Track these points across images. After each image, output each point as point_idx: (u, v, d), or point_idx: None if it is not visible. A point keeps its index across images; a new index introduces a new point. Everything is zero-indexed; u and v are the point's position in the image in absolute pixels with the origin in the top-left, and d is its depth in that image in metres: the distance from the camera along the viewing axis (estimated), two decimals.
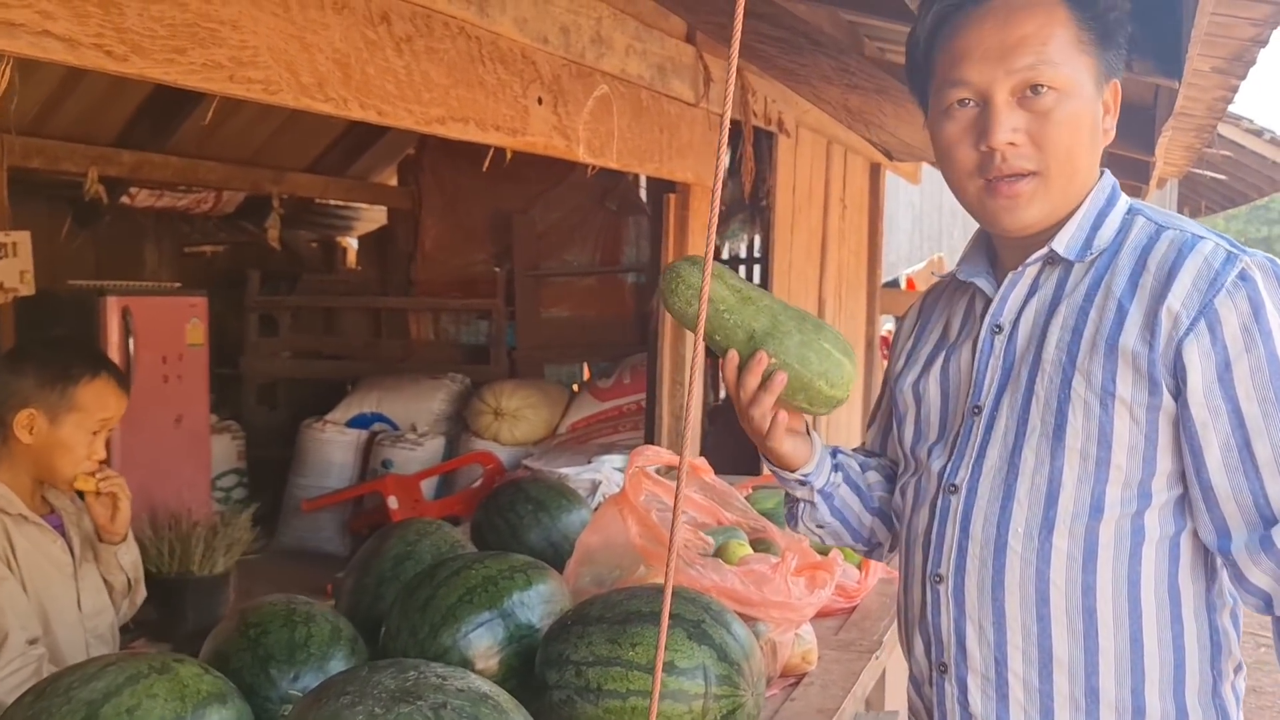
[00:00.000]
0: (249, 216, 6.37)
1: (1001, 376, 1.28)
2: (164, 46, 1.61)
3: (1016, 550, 1.23)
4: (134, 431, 4.47)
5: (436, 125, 2.24)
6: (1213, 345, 1.16)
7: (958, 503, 1.29)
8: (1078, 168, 1.25)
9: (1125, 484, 1.20)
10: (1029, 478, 1.24)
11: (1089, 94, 1.23)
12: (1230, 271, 1.17)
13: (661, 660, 0.92)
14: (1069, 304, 1.25)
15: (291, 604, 1.65)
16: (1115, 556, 1.21)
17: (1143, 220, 1.27)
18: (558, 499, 2.31)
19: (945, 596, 1.30)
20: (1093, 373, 1.20)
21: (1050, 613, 1.23)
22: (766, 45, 2.88)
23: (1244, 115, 6.96)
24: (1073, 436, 1.21)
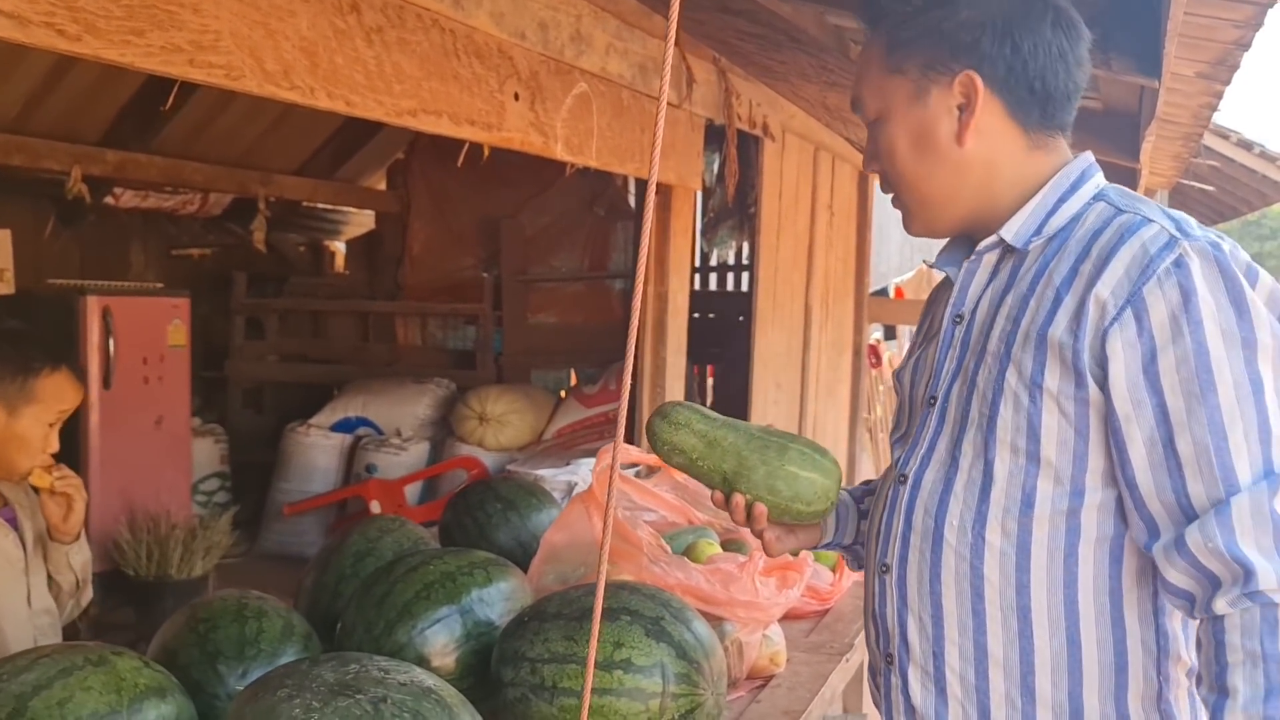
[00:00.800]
0: (236, 219, 6.34)
1: (955, 367, 1.26)
2: (120, 27, 1.58)
3: (952, 544, 1.22)
4: (113, 432, 4.43)
5: (408, 117, 2.21)
6: (1138, 335, 1.12)
7: (904, 493, 1.28)
8: (921, 181, 1.25)
9: (1056, 479, 1.17)
10: (966, 472, 1.22)
11: (902, 112, 1.24)
12: (1166, 257, 1.12)
13: (593, 657, 0.89)
14: (1015, 292, 1.22)
15: (243, 599, 1.61)
16: (1050, 556, 1.18)
17: (1102, 205, 1.22)
18: (527, 498, 2.27)
19: (890, 587, 1.29)
20: (1023, 363, 1.17)
21: (985, 609, 1.20)
22: (745, 42, 2.86)
23: (1233, 129, 6.95)
24: (1003, 429, 1.18)
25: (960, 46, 1.20)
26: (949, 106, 1.22)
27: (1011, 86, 1.21)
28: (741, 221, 5.23)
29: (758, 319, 4.25)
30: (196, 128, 5.19)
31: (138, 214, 5.97)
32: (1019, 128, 1.24)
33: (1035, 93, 1.22)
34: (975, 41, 1.20)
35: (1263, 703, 1.04)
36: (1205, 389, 1.09)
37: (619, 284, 5.96)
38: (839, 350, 5.50)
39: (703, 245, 5.73)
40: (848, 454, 5.84)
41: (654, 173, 0.96)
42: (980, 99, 1.21)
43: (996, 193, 1.24)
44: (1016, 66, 1.20)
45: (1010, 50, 1.20)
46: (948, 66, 1.21)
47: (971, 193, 1.25)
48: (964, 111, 1.22)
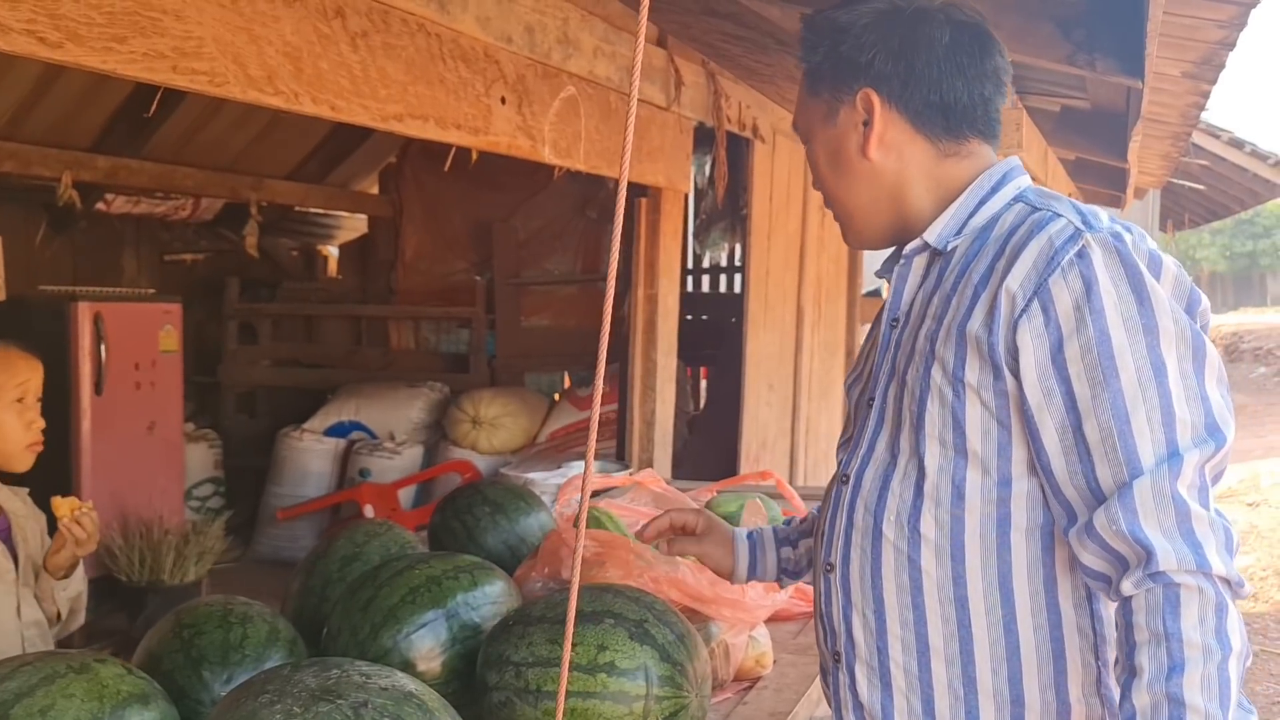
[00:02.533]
0: (228, 224, 6.34)
1: (890, 369, 1.30)
2: (102, 34, 1.58)
3: (890, 538, 1.25)
4: (105, 438, 4.43)
5: (394, 122, 2.21)
6: (1045, 326, 1.15)
7: (846, 492, 1.31)
8: (842, 194, 1.33)
9: (984, 470, 1.20)
10: (902, 467, 1.25)
11: (818, 130, 1.33)
12: (1069, 249, 1.16)
13: (568, 660, 0.89)
14: (940, 292, 1.26)
15: (228, 604, 1.61)
16: (983, 545, 1.21)
17: (1020, 206, 1.26)
18: (516, 501, 2.27)
19: (835, 585, 1.31)
20: (946, 359, 1.21)
21: (924, 601, 1.23)
22: (731, 45, 2.87)
23: (1225, 128, 6.96)
24: (930, 424, 1.22)
25: (858, 67, 1.28)
26: (855, 123, 1.30)
27: (910, 100, 1.28)
28: (734, 223, 5.23)
29: (749, 321, 4.25)
30: (188, 133, 5.19)
31: (130, 220, 5.97)
32: (925, 139, 1.29)
33: (933, 105, 1.28)
34: (870, 62, 1.28)
35: (1165, 680, 1.07)
36: (1108, 375, 1.13)
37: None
38: (831, 351, 5.50)
39: (695, 247, 5.74)
40: None
41: (624, 172, 0.96)
42: (878, 113, 1.28)
43: (912, 201, 1.30)
44: (910, 82, 1.27)
45: (904, 67, 1.27)
46: (850, 86, 1.29)
47: (888, 202, 1.31)
48: (867, 126, 1.29)
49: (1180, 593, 1.09)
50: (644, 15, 0.95)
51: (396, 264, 6.40)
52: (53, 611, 2.09)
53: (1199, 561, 1.09)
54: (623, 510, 2.10)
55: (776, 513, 2.37)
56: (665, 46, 3.28)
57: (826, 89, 1.32)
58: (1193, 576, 1.09)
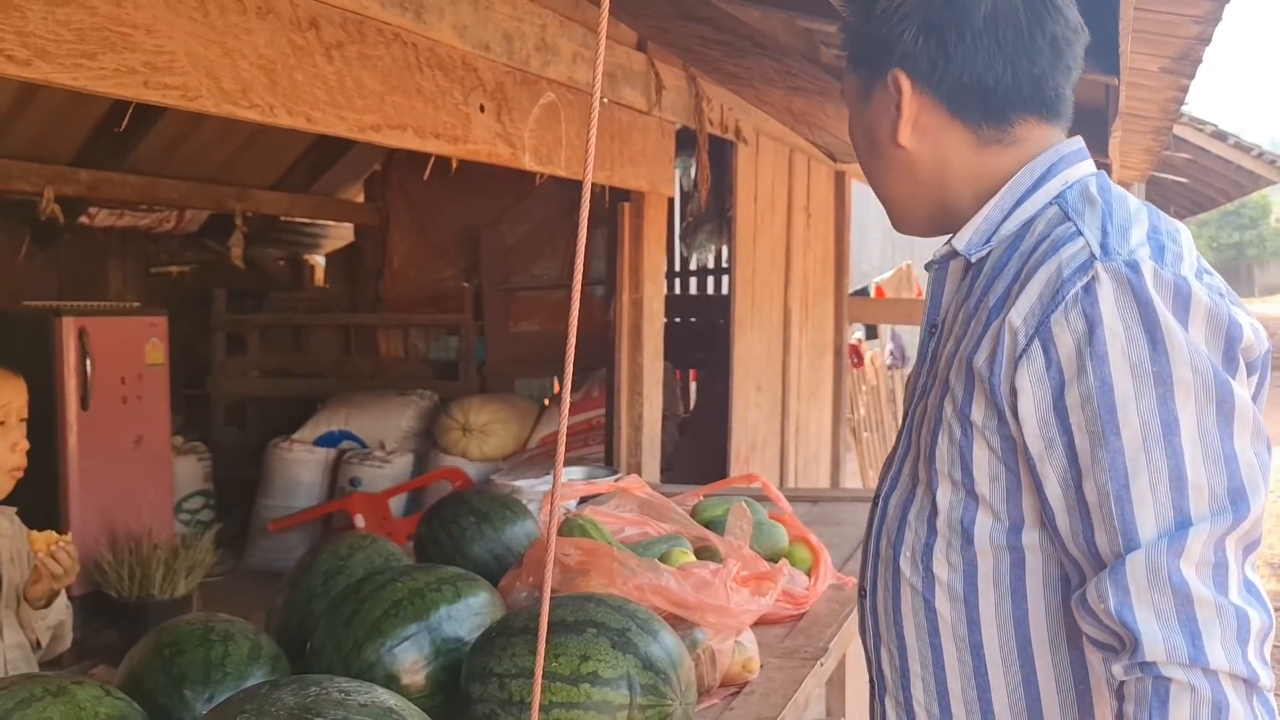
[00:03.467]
0: (214, 235, 6.32)
1: (924, 382, 1.20)
2: (71, 51, 1.57)
3: (906, 575, 1.16)
4: (92, 453, 4.41)
5: (371, 132, 2.20)
6: (1046, 369, 1.02)
7: (876, 517, 1.23)
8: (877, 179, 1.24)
9: (994, 515, 1.09)
10: (920, 498, 1.15)
11: (854, 111, 1.25)
12: (1076, 282, 1.02)
13: (541, 669, 0.88)
14: (965, 309, 1.14)
15: (210, 622, 1.60)
16: (997, 591, 1.11)
17: (1054, 210, 1.11)
18: (501, 511, 2.27)
19: (867, 612, 1.24)
20: (956, 393, 1.10)
21: (941, 644, 1.15)
22: (709, 49, 2.87)
23: (1209, 120, 6.98)
24: (940, 460, 1.12)
25: (886, 45, 1.16)
26: (888, 105, 1.18)
27: (942, 83, 1.14)
28: (720, 225, 5.23)
29: (736, 322, 4.25)
30: (170, 145, 5.17)
31: (114, 233, 5.95)
32: (962, 125, 1.16)
33: (968, 88, 1.13)
34: (898, 39, 1.15)
35: None
36: (1108, 430, 1.00)
37: (599, 290, 5.95)
38: (820, 351, 5.51)
39: (682, 249, 5.74)
40: (832, 455, 5.85)
41: (588, 172, 0.96)
42: (908, 97, 1.16)
43: (952, 193, 1.18)
44: (940, 61, 1.13)
45: (935, 45, 1.13)
46: (880, 66, 1.18)
47: (928, 192, 1.19)
48: (898, 110, 1.17)
49: (1170, 688, 0.97)
50: (605, 11, 0.94)
51: (384, 272, 6.39)
52: (32, 639, 2.07)
53: (1193, 654, 0.96)
54: (607, 517, 2.09)
55: (762, 516, 2.37)
56: (645, 51, 3.27)
57: (860, 66, 1.21)
58: (1185, 671, 0.96)
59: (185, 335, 6.04)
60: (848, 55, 1.23)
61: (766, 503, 2.53)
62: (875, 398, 7.53)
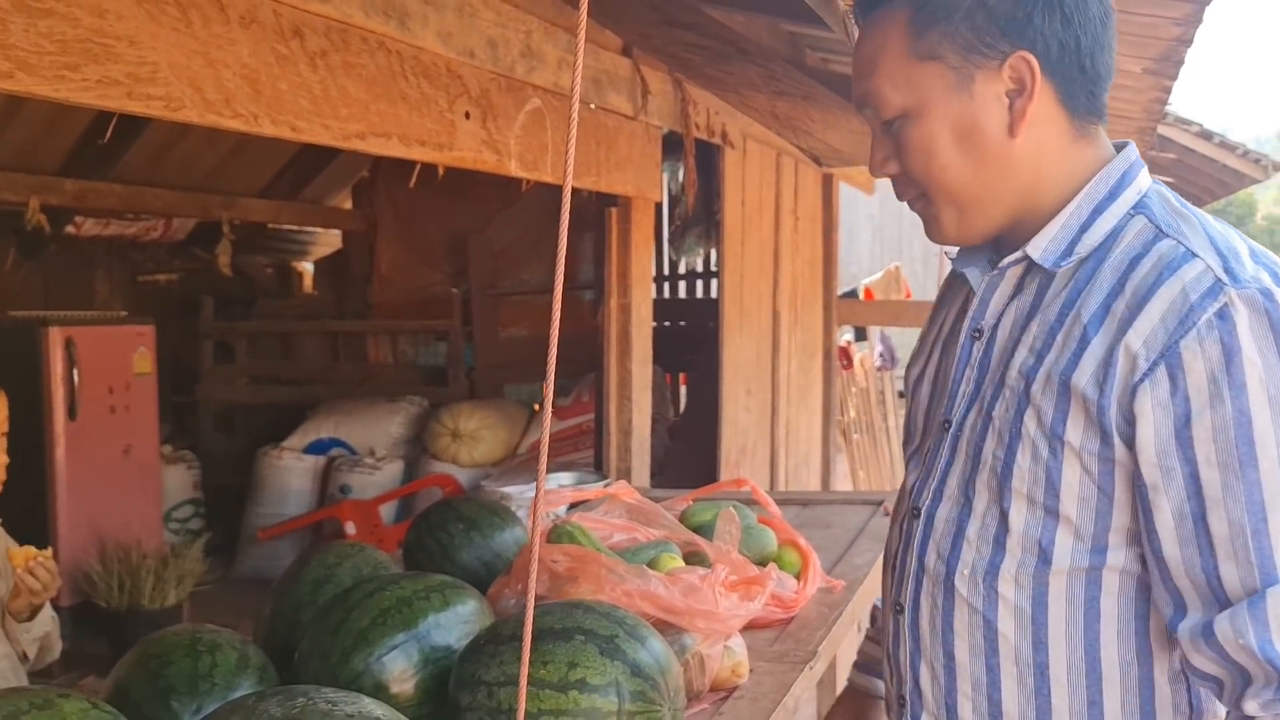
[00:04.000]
0: (201, 243, 6.31)
1: (972, 390, 1.14)
2: (53, 63, 1.57)
3: (963, 594, 1.12)
4: (80, 463, 4.40)
5: (356, 141, 2.21)
6: (1172, 396, 0.99)
7: (918, 530, 1.17)
8: (959, 184, 1.10)
9: (1077, 536, 1.06)
10: (980, 516, 1.11)
11: (941, 104, 1.08)
12: (1208, 307, 0.98)
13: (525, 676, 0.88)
14: (1041, 320, 1.09)
15: (196, 633, 1.60)
16: (1069, 611, 1.08)
17: (1142, 223, 1.07)
18: (490, 517, 2.26)
19: (904, 628, 1.19)
20: (1044, 410, 1.05)
21: (1000, 664, 1.10)
22: (692, 54, 2.88)
23: (1194, 120, 7.03)
24: (1019, 479, 1.07)
25: (1010, 24, 1.05)
26: (997, 94, 1.07)
27: (1064, 68, 1.06)
28: (708, 229, 5.24)
29: (725, 326, 4.26)
30: (157, 154, 5.16)
31: (101, 242, 5.93)
32: (1067, 115, 1.09)
33: (1086, 72, 1.07)
34: (1027, 17, 1.05)
35: None
36: (1245, 463, 0.97)
37: (588, 295, 5.96)
38: (809, 354, 5.52)
39: (671, 253, 5.75)
40: (822, 458, 5.86)
41: (568, 176, 0.96)
42: (1038, 84, 1.06)
43: (1041, 192, 1.10)
44: (1069, 44, 1.06)
45: (1061, 24, 1.05)
46: (995, 48, 1.06)
47: (1015, 193, 1.10)
48: (1017, 99, 1.07)
49: None
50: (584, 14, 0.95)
51: (372, 278, 6.39)
52: (19, 651, 2.07)
53: None
54: (595, 523, 2.10)
55: (751, 520, 2.37)
56: (631, 56, 3.28)
57: (955, 51, 1.07)
58: None
59: (173, 344, 6.03)
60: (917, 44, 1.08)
61: (756, 506, 2.53)
62: (865, 400, 7.55)
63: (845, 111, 3.37)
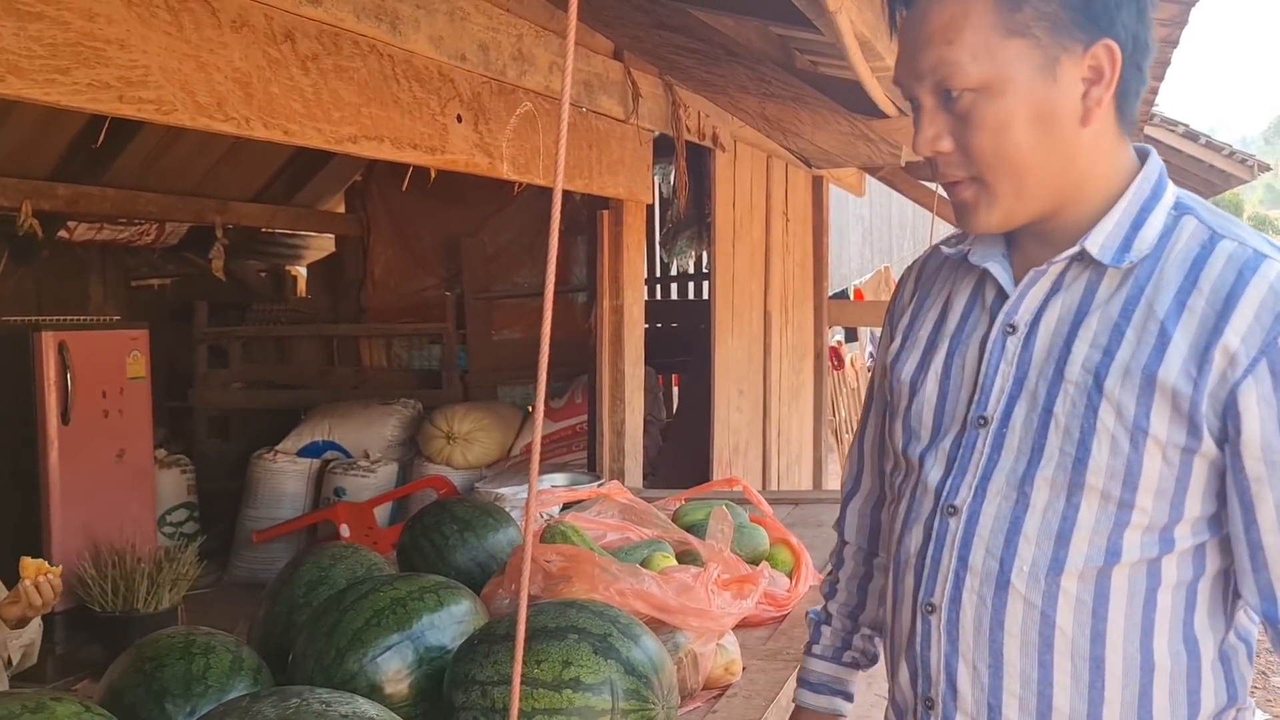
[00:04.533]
0: (194, 248, 6.31)
1: (1014, 386, 1.12)
2: (44, 66, 1.58)
3: (1020, 591, 1.10)
4: (73, 468, 4.39)
5: (348, 144, 2.21)
6: (1275, 390, 1.01)
7: (957, 527, 1.14)
8: (1026, 168, 1.08)
9: (1148, 529, 1.07)
10: (1040, 512, 1.10)
11: (1025, 83, 1.05)
12: None
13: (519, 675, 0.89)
14: (1102, 316, 1.08)
15: (191, 635, 1.61)
16: (1129, 603, 1.09)
17: (1193, 223, 1.09)
18: (484, 518, 2.27)
19: (937, 628, 1.16)
20: (1124, 404, 1.05)
21: (1054, 660, 1.10)
22: (682, 57, 2.89)
23: (1180, 121, 7.06)
24: (1094, 474, 1.07)
25: (1103, 10, 1.04)
26: (1076, 81, 1.05)
27: (1130, 66, 1.06)
28: (700, 231, 5.26)
29: (717, 327, 4.27)
30: (150, 158, 5.16)
31: (94, 247, 5.93)
32: (1119, 113, 1.09)
33: (1141, 72, 1.08)
34: (1119, 5, 1.04)
35: None
36: None
37: (581, 297, 5.97)
38: (800, 355, 5.53)
39: (663, 255, 5.77)
40: (814, 457, 5.87)
41: (559, 177, 0.97)
42: (1116, 76, 1.05)
43: (1087, 187, 1.10)
44: (1141, 40, 1.06)
45: (1138, 20, 1.05)
46: (1083, 32, 1.04)
47: (1069, 184, 1.09)
48: (1094, 88, 1.05)
49: None
50: (573, 16, 0.96)
51: (366, 282, 6.39)
52: (4, 657, 2.07)
53: None
54: (589, 523, 2.11)
55: (743, 519, 2.38)
56: (622, 60, 3.29)
57: (1046, 28, 1.04)
58: None
59: (167, 348, 6.02)
60: (1022, 19, 1.05)
61: (748, 506, 2.55)
62: (855, 400, 7.56)
63: (835, 114, 3.39)
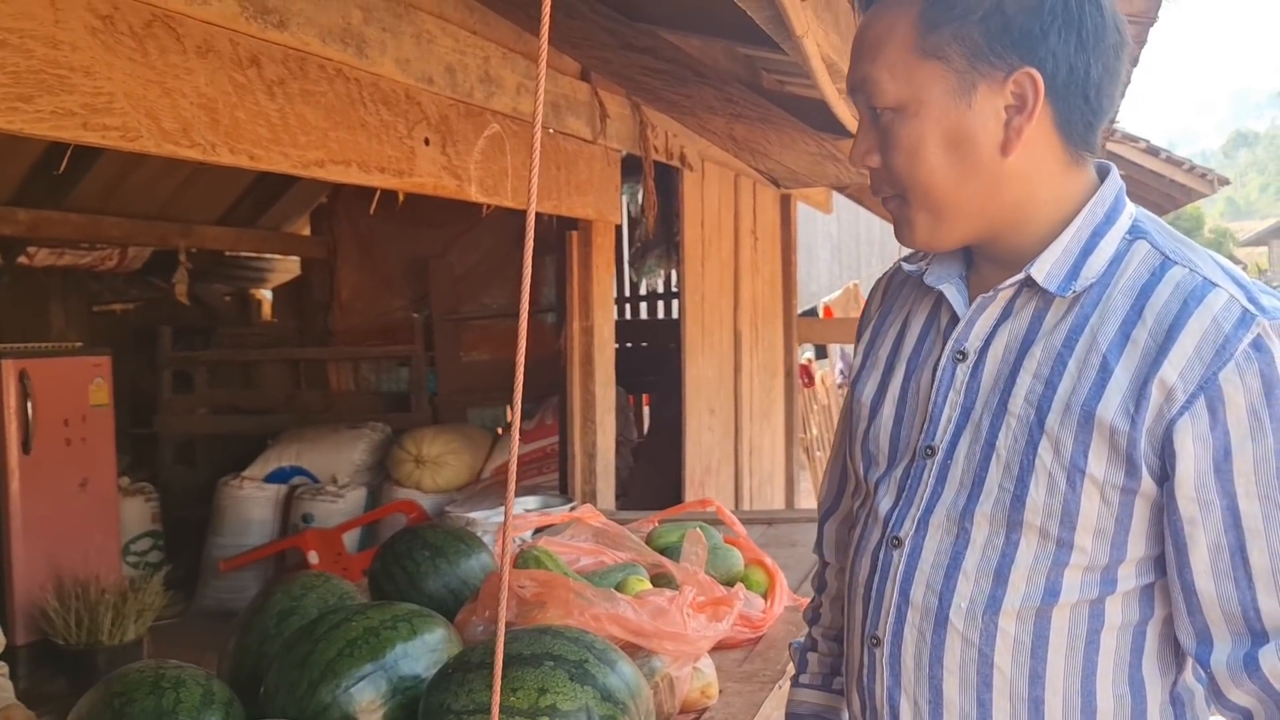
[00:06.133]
0: (158, 271, 6.24)
1: (960, 416, 1.09)
2: (6, 94, 1.56)
3: (958, 628, 1.07)
4: (35, 497, 4.32)
5: (315, 168, 2.20)
6: (1211, 429, 0.97)
7: (899, 560, 1.12)
8: (942, 192, 1.06)
9: (1088, 568, 1.04)
10: (979, 548, 1.06)
11: (938, 106, 1.03)
12: (1242, 337, 0.96)
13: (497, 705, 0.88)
14: (1045, 346, 1.05)
15: (160, 669, 1.58)
16: (1069, 644, 1.05)
17: (1146, 248, 1.04)
18: (455, 544, 2.25)
19: (881, 661, 1.13)
20: (1062, 441, 1.02)
21: (993, 699, 1.07)
22: (649, 78, 2.90)
23: (1140, 136, 7.18)
24: (1032, 512, 1.03)
25: (1025, 36, 1.00)
26: (996, 108, 1.03)
27: (1068, 94, 1.02)
28: (669, 250, 5.27)
29: (687, 346, 4.28)
30: (112, 182, 5.11)
31: (55, 272, 5.85)
32: (1062, 141, 1.05)
33: (1089, 103, 1.03)
34: (1044, 33, 1.00)
35: None
36: None
37: (550, 318, 5.96)
38: (771, 373, 5.55)
39: (632, 274, 5.77)
40: (786, 476, 5.89)
41: (533, 199, 0.97)
42: (1039, 105, 1.02)
43: (1028, 215, 1.06)
44: (1079, 69, 1.02)
45: (1076, 48, 1.01)
46: (1003, 60, 1.01)
47: (1001, 211, 1.06)
48: (1015, 116, 1.03)
49: None
50: (544, 38, 0.96)
51: (333, 304, 6.35)
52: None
53: None
54: (562, 548, 2.09)
55: (717, 540, 2.38)
56: (589, 81, 3.30)
57: (962, 54, 1.02)
58: None
59: (131, 374, 5.95)
60: (925, 40, 1.03)
61: (721, 526, 2.54)
62: (827, 417, 7.59)
63: (802, 134, 3.41)
